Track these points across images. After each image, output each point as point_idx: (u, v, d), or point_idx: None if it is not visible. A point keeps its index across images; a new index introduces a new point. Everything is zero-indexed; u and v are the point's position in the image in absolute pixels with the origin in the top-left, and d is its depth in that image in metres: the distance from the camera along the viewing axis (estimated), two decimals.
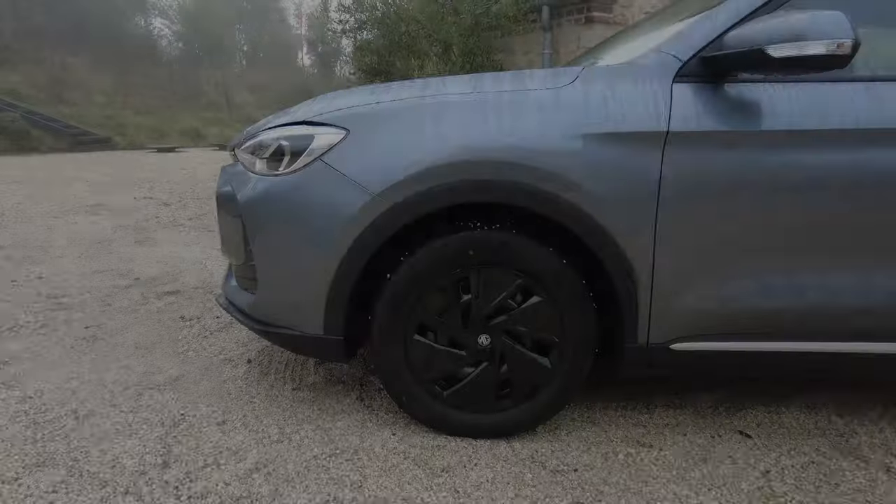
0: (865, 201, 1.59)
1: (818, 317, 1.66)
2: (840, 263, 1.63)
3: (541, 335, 1.72)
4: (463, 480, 1.58)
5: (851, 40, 1.36)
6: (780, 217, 1.59)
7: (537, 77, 1.67)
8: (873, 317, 1.67)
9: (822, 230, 1.61)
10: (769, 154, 1.57)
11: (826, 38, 1.38)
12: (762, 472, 1.71)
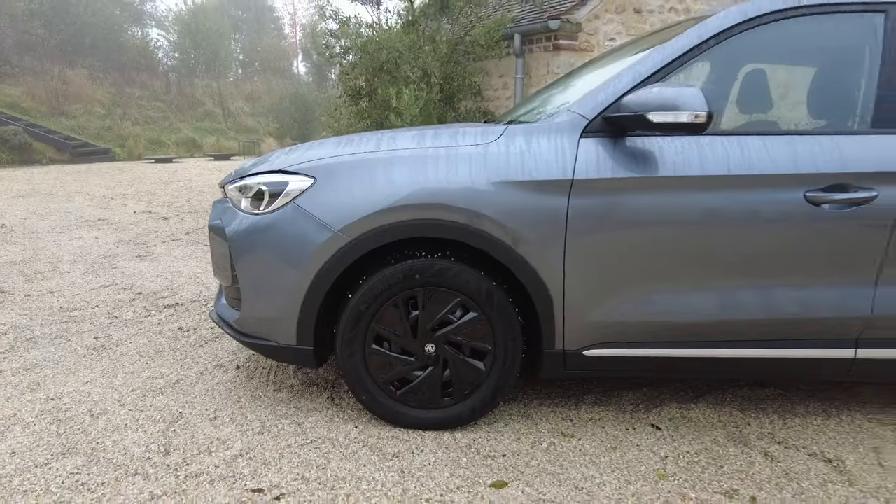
0: (735, 233, 1.97)
1: (695, 327, 2.04)
2: (714, 284, 2.01)
3: (476, 344, 2.08)
4: (409, 463, 1.95)
5: (706, 112, 1.74)
6: (664, 247, 1.96)
7: (469, 134, 2.04)
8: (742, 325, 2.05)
9: (699, 258, 1.98)
10: (657, 195, 1.94)
11: (689, 109, 1.75)
12: (661, 458, 2.07)
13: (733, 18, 2.05)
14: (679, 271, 2.00)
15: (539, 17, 5.17)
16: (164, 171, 12.42)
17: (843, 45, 2.14)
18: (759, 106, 2.42)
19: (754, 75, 2.33)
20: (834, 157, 1.96)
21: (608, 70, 2.28)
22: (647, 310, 2.02)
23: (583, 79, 2.51)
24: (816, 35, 2.15)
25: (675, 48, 2.03)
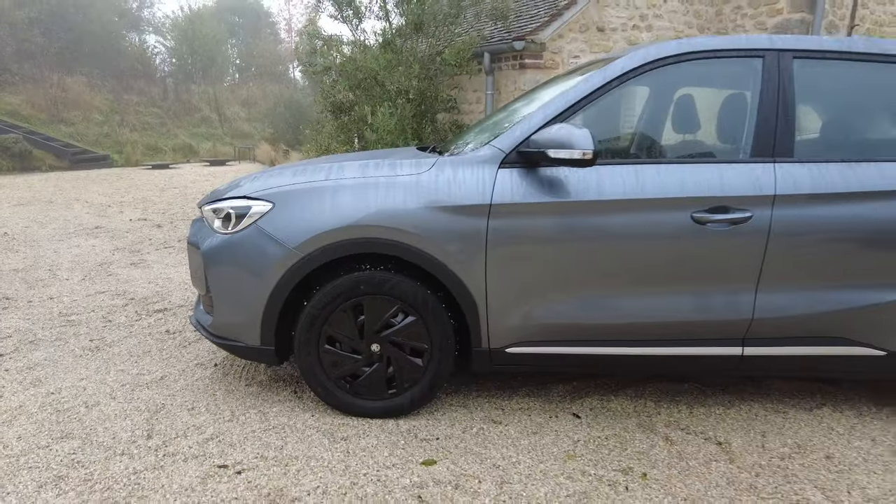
0: (632, 248, 2.31)
1: (600, 329, 2.39)
2: (615, 292, 2.35)
3: (415, 344, 2.43)
4: (354, 445, 2.29)
5: (592, 151, 2.08)
6: (570, 261, 2.31)
7: (405, 165, 2.39)
8: (642, 327, 2.39)
9: (600, 270, 2.33)
10: (562, 217, 2.29)
11: (580, 148, 2.10)
12: (574, 441, 2.42)
13: (633, 62, 2.39)
14: (584, 281, 2.35)
15: (506, 38, 5.51)
16: (160, 177, 12.77)
17: (727, 84, 2.50)
18: (656, 137, 2.76)
19: (652, 111, 2.68)
20: (716, 182, 2.30)
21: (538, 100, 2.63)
22: (558, 314, 2.37)
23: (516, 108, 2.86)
24: (706, 76, 2.51)
25: (582, 90, 2.38)
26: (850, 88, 2.51)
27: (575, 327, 2.40)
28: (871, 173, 2.34)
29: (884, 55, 2.45)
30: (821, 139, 2.50)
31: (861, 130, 2.54)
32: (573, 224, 2.30)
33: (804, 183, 2.31)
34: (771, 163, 2.33)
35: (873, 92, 2.50)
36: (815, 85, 2.48)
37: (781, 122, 2.36)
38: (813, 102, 2.53)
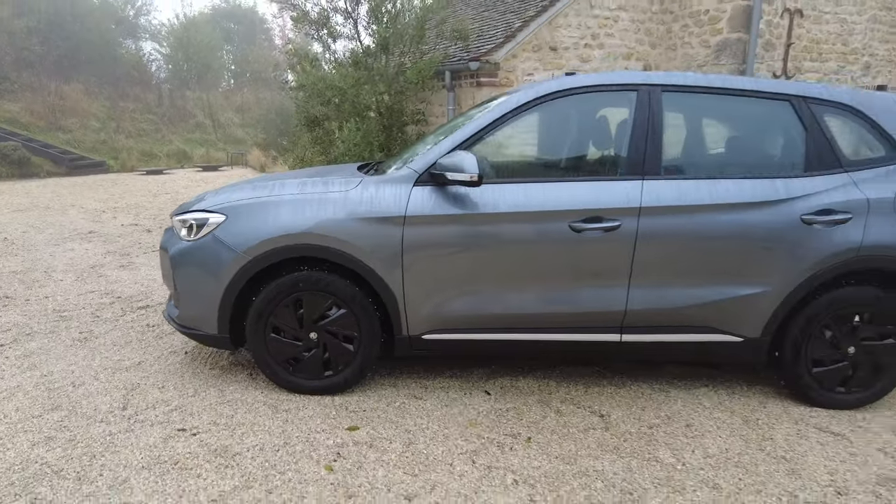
0: (522, 252, 2.80)
1: (499, 318, 2.87)
2: (509, 288, 2.84)
3: (346, 332, 2.92)
4: (294, 416, 2.78)
5: (477, 174, 2.58)
6: (470, 262, 2.80)
7: (336, 183, 2.88)
8: (536, 318, 2.88)
9: (497, 269, 2.81)
10: (464, 226, 2.78)
11: (468, 172, 2.59)
12: (479, 412, 2.90)
13: (525, 98, 2.89)
14: (483, 279, 2.83)
15: (465, 58, 6.01)
16: (153, 183, 13.27)
17: (609, 113, 2.99)
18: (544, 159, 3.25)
19: (542, 137, 3.17)
20: (591, 197, 2.79)
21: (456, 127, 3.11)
22: (463, 306, 2.86)
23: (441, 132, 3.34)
24: (588, 107, 3.00)
25: (483, 121, 2.88)
26: (708, 117, 3.01)
27: (478, 317, 2.89)
28: (723, 188, 2.83)
29: (735, 89, 2.95)
30: (684, 159, 3.00)
31: (716, 152, 3.04)
32: (473, 232, 2.79)
33: (666, 196, 2.79)
34: (640, 180, 2.82)
35: (727, 120, 3.00)
36: (680, 113, 2.98)
37: (650, 145, 2.86)
38: (678, 128, 3.02)
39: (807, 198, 2.83)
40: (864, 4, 7.43)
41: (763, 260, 2.84)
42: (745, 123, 3.08)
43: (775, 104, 2.97)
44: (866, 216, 2.82)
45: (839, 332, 2.95)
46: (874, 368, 3.01)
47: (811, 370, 3.00)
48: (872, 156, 2.95)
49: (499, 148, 3.01)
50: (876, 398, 3.09)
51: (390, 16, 6.40)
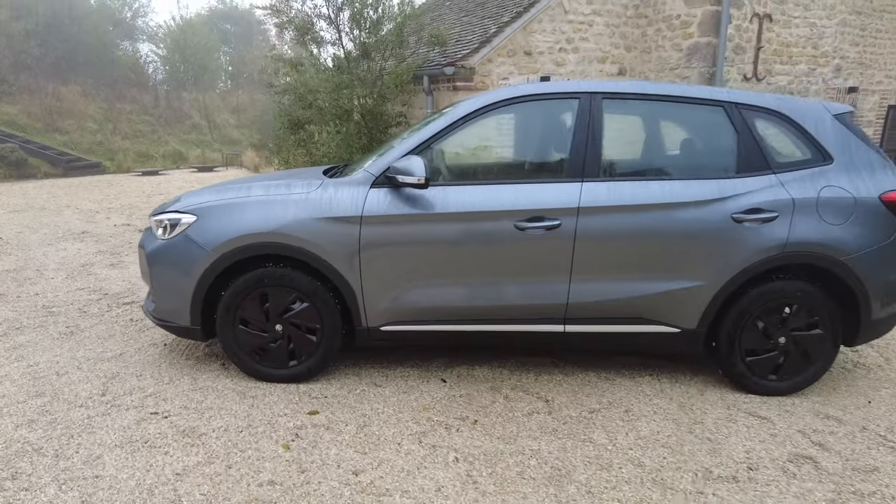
0: (472, 249, 3.02)
1: (451, 310, 3.09)
2: (460, 282, 3.06)
3: (309, 324, 3.14)
4: (259, 401, 3.00)
5: (424, 177, 2.79)
6: (423, 258, 3.02)
7: (298, 185, 3.10)
8: (485, 311, 3.10)
9: (448, 265, 3.03)
10: (417, 225, 3.00)
11: (416, 175, 2.81)
12: (433, 398, 3.12)
13: (475, 106, 3.11)
14: (436, 274, 3.05)
15: (441, 63, 6.22)
16: (148, 184, 13.49)
17: (553, 120, 3.21)
18: (492, 162, 3.47)
19: (489, 141, 3.39)
20: (534, 198, 3.01)
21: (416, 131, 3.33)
22: (418, 299, 3.08)
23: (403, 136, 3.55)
24: (535, 114, 3.22)
25: (434, 127, 3.09)
26: (645, 122, 3.23)
27: (432, 310, 3.11)
28: (658, 189, 3.04)
29: (672, 96, 3.17)
30: (622, 162, 3.21)
31: (653, 155, 3.26)
32: (426, 231, 3.01)
33: (603, 197, 3.01)
34: (579, 182, 3.04)
35: (663, 124, 3.22)
36: (619, 119, 3.19)
37: (590, 149, 3.07)
38: (619, 133, 3.24)
39: (737, 197, 3.04)
40: (834, 9, 7.64)
41: (696, 256, 3.05)
42: (681, 128, 3.29)
43: (709, 110, 3.19)
44: (792, 215, 3.04)
45: (770, 323, 3.17)
46: (803, 357, 3.23)
47: (745, 359, 3.22)
48: (798, 158, 3.17)
49: (450, 152, 3.23)
50: (806, 384, 3.31)
51: (371, 22, 6.62)
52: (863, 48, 8.16)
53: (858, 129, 3.34)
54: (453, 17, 8.48)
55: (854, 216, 3.08)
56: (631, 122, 3.26)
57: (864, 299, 3.13)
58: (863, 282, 3.09)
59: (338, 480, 2.38)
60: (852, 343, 3.30)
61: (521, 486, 2.40)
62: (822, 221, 3.05)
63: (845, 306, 3.18)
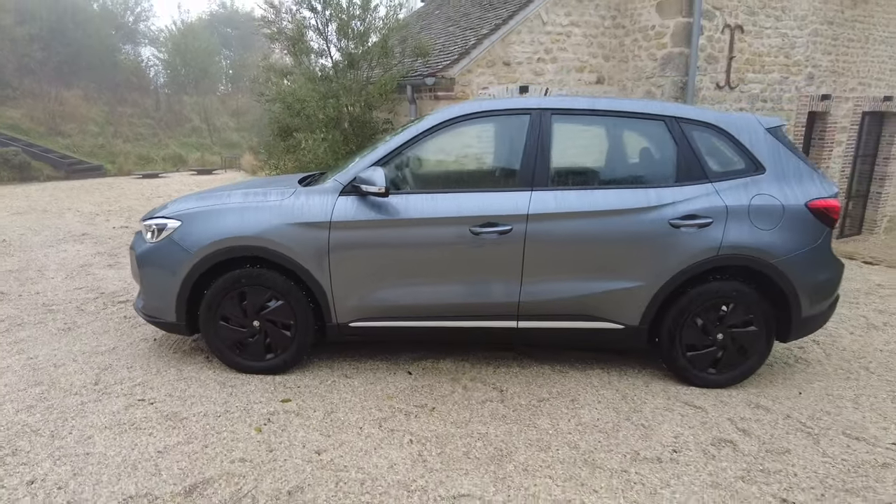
0: (431, 252, 3.31)
1: (413, 308, 3.38)
2: (422, 282, 3.35)
3: (284, 321, 3.43)
4: (238, 390, 3.29)
5: (384, 187, 3.09)
6: (387, 260, 3.31)
7: (274, 193, 3.39)
8: (445, 308, 3.38)
9: (410, 267, 3.32)
10: (381, 230, 3.29)
11: (377, 185, 3.10)
12: (398, 389, 3.41)
13: (435, 121, 3.40)
14: (399, 275, 3.34)
15: (423, 73, 6.51)
16: (148, 186, 13.83)
17: (506, 134, 3.50)
18: (450, 172, 3.75)
19: (448, 153, 3.68)
20: (488, 205, 3.30)
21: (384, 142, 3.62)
22: (382, 298, 3.37)
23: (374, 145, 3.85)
24: (490, 128, 3.50)
25: (398, 140, 3.38)
26: (592, 135, 3.51)
27: (396, 307, 3.40)
28: (602, 197, 3.33)
29: (617, 111, 3.45)
30: (569, 172, 3.50)
31: (599, 165, 3.54)
32: (389, 235, 3.30)
33: (551, 205, 3.30)
34: (529, 191, 3.33)
35: (609, 137, 3.51)
36: (567, 133, 3.48)
37: (540, 160, 3.36)
38: (567, 146, 3.52)
39: (675, 205, 3.33)
40: (805, 20, 7.91)
41: (637, 258, 3.34)
42: (625, 140, 3.58)
43: (652, 123, 3.47)
44: (725, 221, 3.32)
45: (708, 320, 3.45)
46: (740, 352, 3.52)
47: (686, 354, 3.50)
48: (733, 168, 3.45)
49: (413, 163, 3.52)
50: (744, 377, 3.59)
51: (357, 33, 6.92)
52: (835, 57, 8.42)
53: (789, 141, 3.62)
54: (440, 27, 8.78)
55: (783, 222, 3.36)
56: (578, 135, 3.54)
57: (795, 299, 3.41)
58: (792, 282, 3.37)
59: (301, 458, 2.68)
60: (786, 339, 3.58)
61: (466, 464, 2.69)
62: (754, 227, 3.34)
63: (778, 305, 3.46)
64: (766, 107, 8.01)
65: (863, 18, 8.49)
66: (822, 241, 3.44)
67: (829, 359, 4.16)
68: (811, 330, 3.63)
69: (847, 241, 9.93)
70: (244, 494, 2.41)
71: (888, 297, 5.87)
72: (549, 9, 7.02)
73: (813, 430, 3.09)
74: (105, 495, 2.36)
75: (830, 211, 3.43)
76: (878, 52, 8.90)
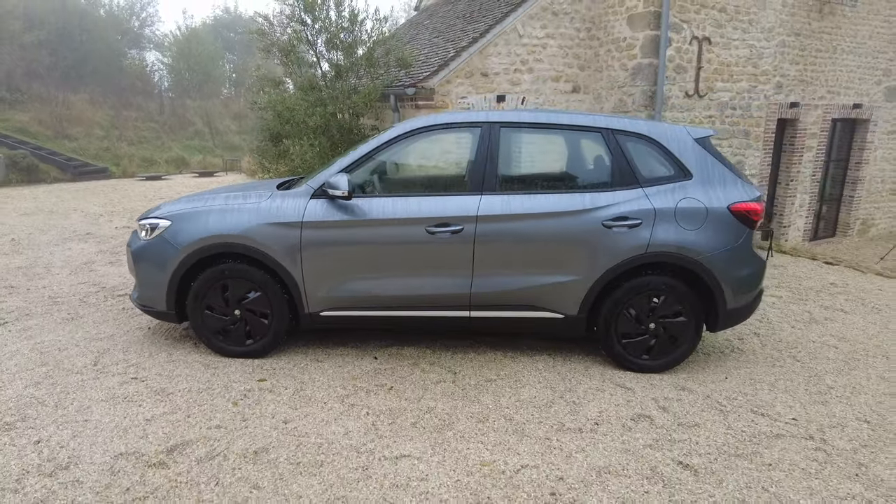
0: (392, 249, 3.73)
1: (376, 298, 3.80)
2: (384, 276, 3.77)
3: (262, 310, 3.86)
4: (220, 370, 3.72)
5: (347, 191, 3.52)
6: (352, 256, 3.73)
7: (252, 196, 3.83)
8: (404, 299, 3.81)
9: (373, 262, 3.74)
10: (348, 229, 3.71)
11: (341, 189, 3.53)
12: (363, 370, 3.83)
13: (396, 132, 3.82)
14: (363, 269, 3.76)
15: (405, 83, 6.94)
16: (151, 188, 14.32)
17: (460, 144, 3.92)
18: (409, 178, 4.18)
19: (408, 161, 4.10)
20: (442, 208, 3.72)
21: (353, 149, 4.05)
22: (349, 289, 3.79)
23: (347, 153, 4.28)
24: (445, 139, 3.93)
25: (363, 150, 3.81)
26: (536, 145, 3.93)
27: (361, 298, 3.82)
28: (543, 200, 3.74)
29: (558, 124, 3.87)
30: (515, 178, 3.92)
31: (542, 172, 3.96)
32: (354, 234, 3.73)
33: (497, 207, 3.71)
34: (479, 195, 3.75)
35: (551, 147, 3.92)
36: (514, 143, 3.90)
37: (489, 168, 3.78)
38: (513, 155, 3.94)
39: (608, 207, 3.74)
40: (772, 31, 8.30)
41: (574, 255, 3.75)
42: (566, 150, 4.00)
43: (589, 134, 3.89)
44: (654, 222, 3.73)
45: (641, 311, 3.86)
46: (671, 340, 3.92)
47: (621, 341, 3.91)
48: (663, 175, 3.86)
49: (377, 169, 3.95)
50: (676, 363, 4.00)
51: (345, 45, 7.36)
52: (803, 66, 8.80)
53: (716, 150, 4.02)
54: (426, 38, 9.21)
55: (706, 223, 3.77)
56: (523, 145, 3.96)
57: (719, 292, 3.81)
58: (716, 277, 3.78)
59: (270, 426, 3.10)
60: (714, 329, 3.98)
61: (412, 432, 3.10)
62: (680, 227, 3.74)
63: (704, 298, 3.87)
64: (736, 114, 8.40)
65: (830, 30, 8.87)
66: (743, 240, 3.83)
67: (763, 349, 4.56)
68: (737, 320, 4.03)
69: (820, 243, 10.30)
70: (217, 453, 2.83)
71: (837, 295, 6.26)
72: (526, 22, 7.44)
73: (726, 408, 3.49)
74: (100, 453, 2.79)
75: (751, 213, 3.83)
76: (847, 61, 9.27)
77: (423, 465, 2.81)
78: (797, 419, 3.40)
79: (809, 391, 3.80)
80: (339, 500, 2.54)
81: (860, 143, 10.20)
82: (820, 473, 2.85)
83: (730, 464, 2.90)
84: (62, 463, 2.71)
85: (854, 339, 4.85)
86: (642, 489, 2.67)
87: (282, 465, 2.77)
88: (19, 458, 2.74)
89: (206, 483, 2.62)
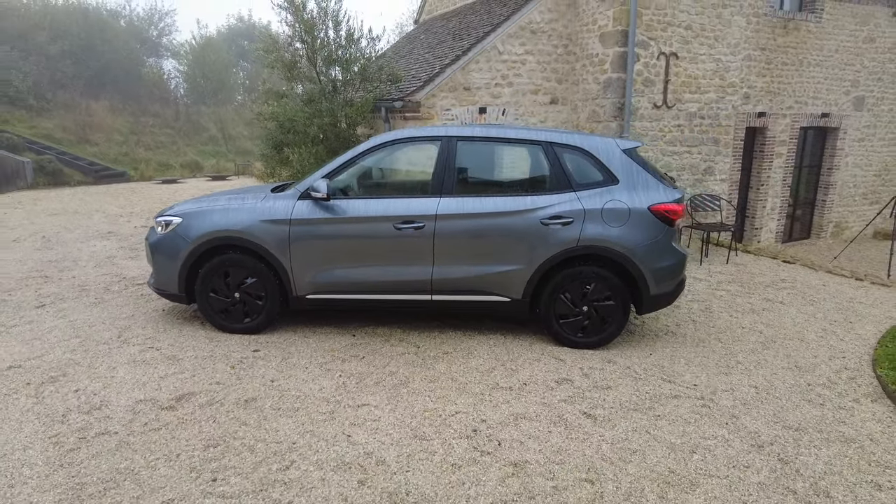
0: (366, 242, 4.47)
1: (354, 284, 4.54)
2: (361, 265, 4.51)
3: (257, 293, 4.62)
4: (221, 343, 4.48)
5: (326, 194, 4.27)
6: (334, 248, 4.47)
7: (250, 197, 4.59)
8: (377, 285, 4.54)
9: (352, 253, 4.48)
10: (329, 225, 4.46)
11: (321, 192, 4.29)
12: (340, 345, 4.57)
13: (370, 144, 4.57)
14: (341, 259, 4.50)
15: (394, 96, 7.69)
16: (167, 191, 15.23)
17: (423, 154, 4.66)
18: (381, 183, 4.91)
19: (380, 169, 4.84)
20: (407, 208, 4.45)
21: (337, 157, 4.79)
22: (330, 276, 4.54)
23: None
24: (410, 150, 4.67)
25: (343, 158, 4.56)
26: (487, 155, 4.66)
27: (340, 284, 4.56)
28: (491, 202, 4.45)
29: (506, 138, 4.59)
30: (469, 183, 4.64)
31: (492, 178, 4.67)
32: (334, 229, 4.47)
33: (453, 208, 4.44)
34: (438, 197, 4.48)
35: (500, 157, 4.64)
36: (468, 154, 4.63)
37: (447, 174, 4.51)
38: (468, 164, 4.66)
39: (545, 208, 4.45)
40: (738, 47, 8.92)
41: (517, 248, 4.46)
42: (512, 160, 4.71)
43: (531, 146, 4.60)
44: (583, 220, 4.43)
45: (575, 295, 4.55)
46: (602, 321, 4.61)
47: (559, 321, 4.61)
48: (593, 180, 4.55)
49: (355, 175, 4.70)
50: (608, 341, 4.68)
51: (342, 61, 8.14)
52: (770, 78, 9.41)
53: (642, 159, 4.72)
54: (419, 53, 9.96)
55: (629, 221, 4.45)
56: (476, 156, 4.68)
57: (643, 280, 4.50)
58: (639, 267, 4.46)
59: (259, 383, 3.85)
60: (640, 312, 4.67)
61: (374, 388, 3.84)
62: (605, 224, 4.43)
63: (630, 285, 4.55)
64: (705, 123, 9.04)
65: (796, 45, 9.47)
66: (663, 236, 4.52)
67: (695, 332, 5.22)
68: (661, 305, 4.71)
69: (794, 245, 10.86)
70: (216, 401, 3.59)
71: (782, 289, 6.88)
72: (505, 40, 8.16)
73: (640, 376, 4.18)
74: (124, 399, 3.56)
75: (669, 213, 4.51)
76: (814, 73, 9.86)
77: (377, 411, 3.54)
78: (697, 385, 4.08)
79: (719, 365, 4.47)
80: (308, 433, 3.28)
81: (831, 150, 10.75)
82: (698, 422, 3.53)
83: (626, 415, 3.59)
84: (96, 405, 3.48)
85: (780, 326, 5.48)
86: (546, 430, 3.37)
87: (266, 410, 3.51)
88: (63, 401, 3.52)
89: (206, 421, 3.37)
